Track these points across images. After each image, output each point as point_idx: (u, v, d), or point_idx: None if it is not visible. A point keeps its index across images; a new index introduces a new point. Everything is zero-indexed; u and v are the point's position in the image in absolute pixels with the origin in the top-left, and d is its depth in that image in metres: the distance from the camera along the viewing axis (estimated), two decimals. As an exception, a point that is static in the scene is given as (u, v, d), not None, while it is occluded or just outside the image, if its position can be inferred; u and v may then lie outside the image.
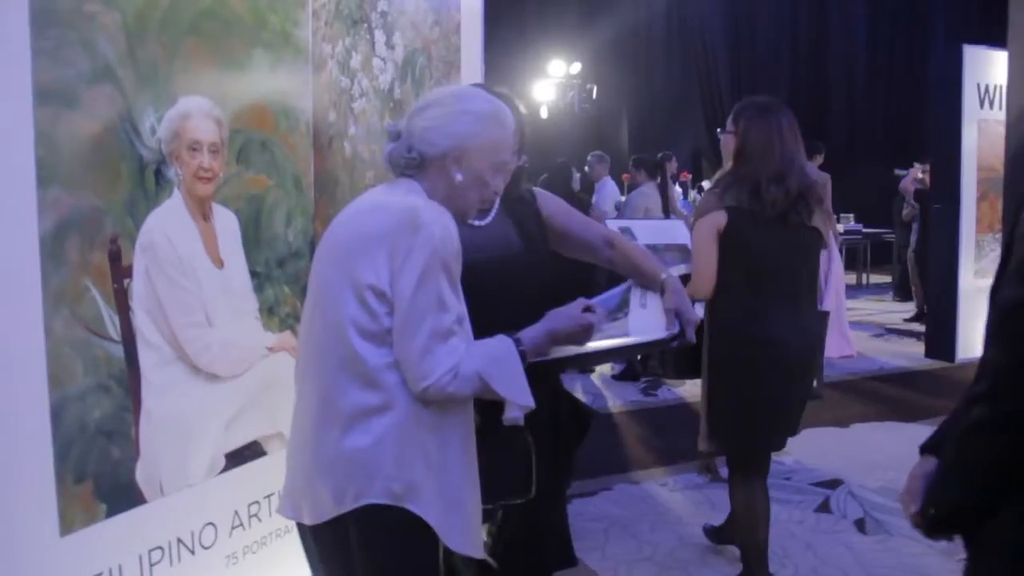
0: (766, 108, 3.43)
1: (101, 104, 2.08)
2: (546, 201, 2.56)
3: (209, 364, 2.41)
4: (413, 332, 1.81)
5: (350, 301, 1.84)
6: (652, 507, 4.62)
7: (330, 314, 1.88)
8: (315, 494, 1.89)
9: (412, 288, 1.80)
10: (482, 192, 2.02)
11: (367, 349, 1.83)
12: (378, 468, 1.83)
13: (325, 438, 1.87)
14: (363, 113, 3.04)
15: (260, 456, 2.58)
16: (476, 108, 1.99)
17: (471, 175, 1.97)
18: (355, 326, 1.83)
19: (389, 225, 1.85)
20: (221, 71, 2.41)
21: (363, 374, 1.84)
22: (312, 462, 1.90)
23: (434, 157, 1.96)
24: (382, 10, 3.11)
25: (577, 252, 2.61)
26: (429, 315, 1.80)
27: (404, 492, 1.83)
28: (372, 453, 1.83)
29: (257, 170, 2.56)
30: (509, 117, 2.06)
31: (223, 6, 2.41)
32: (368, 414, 1.83)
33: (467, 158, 1.96)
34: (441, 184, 1.97)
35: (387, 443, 1.83)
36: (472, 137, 1.96)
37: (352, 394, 1.84)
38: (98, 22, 2.07)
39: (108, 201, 2.10)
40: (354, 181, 2.99)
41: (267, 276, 2.62)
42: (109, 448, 2.13)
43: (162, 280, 2.25)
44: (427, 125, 1.97)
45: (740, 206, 3.22)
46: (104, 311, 2.10)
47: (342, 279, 1.87)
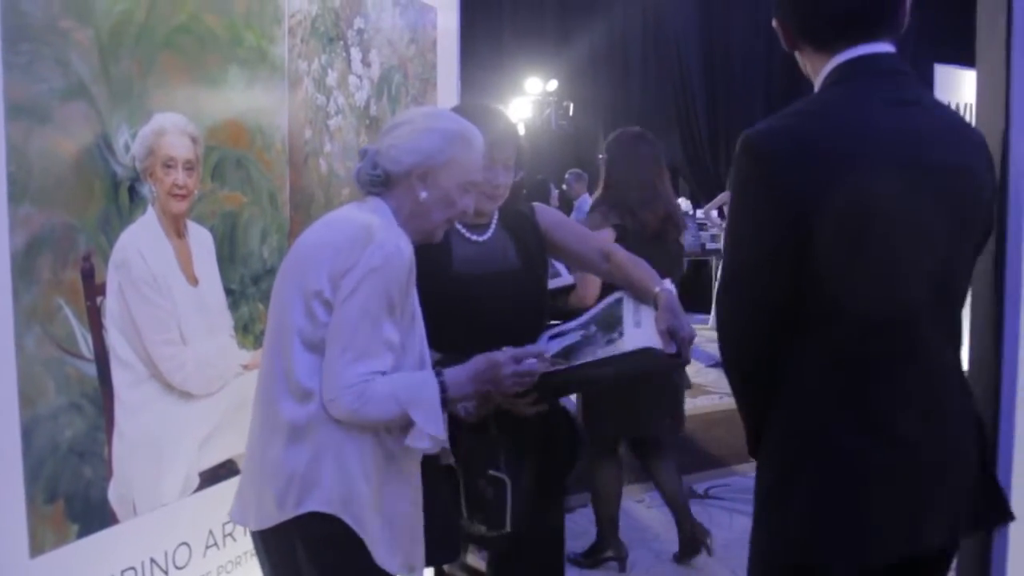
0: (633, 140, 3.97)
1: (74, 120, 2.06)
2: (544, 215, 2.58)
3: (183, 382, 2.38)
4: (332, 344, 1.84)
5: (298, 309, 1.88)
6: (629, 524, 4.62)
7: (279, 321, 1.93)
8: (259, 500, 1.93)
9: (343, 299, 1.83)
10: (448, 211, 2.04)
11: (305, 360, 1.86)
12: (317, 480, 1.86)
13: (269, 446, 1.92)
14: (339, 130, 3.04)
15: (235, 475, 2.55)
16: (441, 126, 2.01)
17: (436, 193, 1.99)
18: (299, 334, 1.87)
19: (341, 238, 1.89)
20: (196, 88, 2.40)
21: (299, 388, 1.87)
22: (258, 468, 1.96)
23: (399, 175, 1.99)
24: (358, 28, 3.11)
25: (575, 265, 2.62)
26: (349, 330, 1.82)
27: (343, 504, 1.86)
28: (312, 463, 1.86)
29: (232, 187, 2.55)
30: (478, 137, 2.07)
31: (198, 22, 2.40)
32: (310, 423, 1.87)
33: (432, 176, 1.98)
34: (407, 202, 2.00)
35: (326, 455, 1.86)
36: (436, 155, 1.98)
37: (291, 407, 1.88)
38: (72, 38, 2.05)
39: (81, 218, 2.08)
40: (330, 198, 2.98)
41: (242, 293, 2.60)
42: (81, 468, 2.10)
43: (136, 298, 2.23)
44: (392, 143, 2.00)
45: (624, 224, 3.74)
46: (77, 329, 2.08)
47: (293, 287, 1.91)
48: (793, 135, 1.67)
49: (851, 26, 1.68)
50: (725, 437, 6.08)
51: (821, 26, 1.72)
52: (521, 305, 2.43)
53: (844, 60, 1.70)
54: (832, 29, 1.70)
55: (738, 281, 1.78)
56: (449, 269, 2.38)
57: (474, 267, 2.40)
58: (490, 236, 2.47)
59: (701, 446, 6.06)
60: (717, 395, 7.36)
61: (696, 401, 7.14)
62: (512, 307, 2.40)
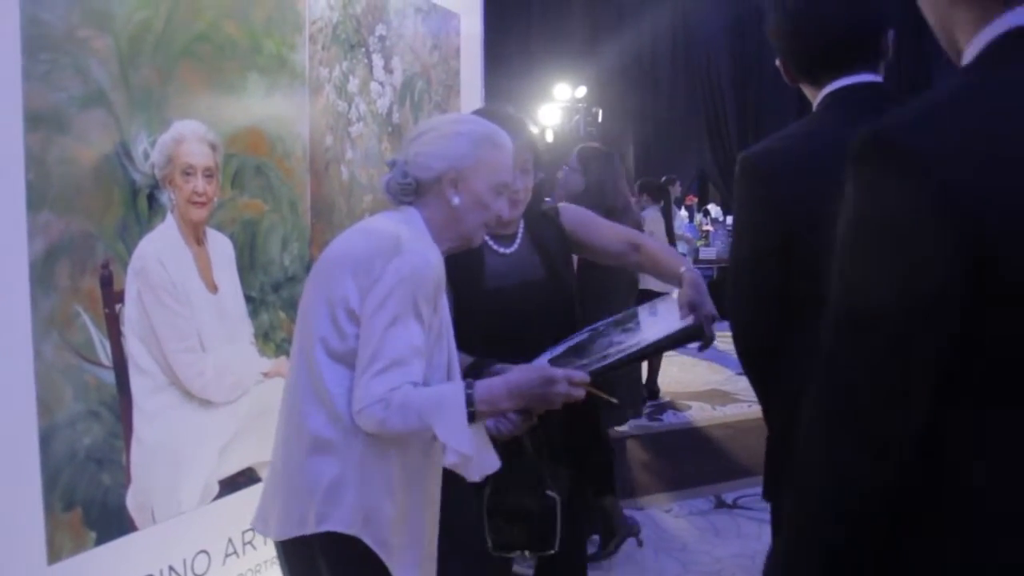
0: (607, 155, 4.40)
1: (93, 129, 2.07)
2: (569, 215, 2.55)
3: (202, 390, 2.38)
4: (361, 355, 1.79)
5: (324, 318, 1.85)
6: (655, 534, 4.57)
7: (306, 331, 1.89)
8: (280, 511, 1.89)
9: (371, 310, 1.79)
10: (483, 215, 2.00)
11: (332, 371, 1.83)
12: (340, 497, 1.82)
13: (293, 457, 1.88)
14: (360, 137, 3.03)
15: (255, 483, 2.55)
16: (468, 130, 1.98)
17: (469, 198, 1.96)
18: (323, 344, 1.83)
19: (370, 249, 1.84)
20: (216, 95, 2.40)
21: (327, 400, 1.83)
22: (281, 479, 1.91)
23: (430, 181, 1.95)
24: (380, 34, 3.11)
25: (605, 260, 2.60)
26: (377, 340, 1.77)
27: (364, 524, 1.82)
28: (335, 481, 1.82)
29: (252, 194, 2.55)
30: (505, 139, 2.05)
31: (217, 30, 2.41)
32: (333, 434, 1.83)
33: (463, 180, 1.94)
34: (440, 210, 1.96)
35: (349, 473, 1.82)
36: (465, 158, 1.94)
37: (317, 419, 1.84)
38: (91, 47, 2.06)
39: (100, 226, 2.09)
40: (351, 206, 2.98)
41: (262, 301, 2.60)
42: (99, 475, 2.10)
43: (155, 305, 2.23)
44: (420, 150, 1.97)
45: None
46: (95, 336, 2.08)
47: (320, 297, 1.87)
48: (784, 155, 1.90)
49: (831, 62, 1.90)
50: (755, 446, 5.99)
51: (809, 63, 1.95)
52: (548, 314, 2.41)
53: (829, 91, 1.93)
54: (818, 65, 1.93)
55: (740, 274, 1.97)
56: (482, 284, 2.36)
57: (504, 280, 2.39)
58: (517, 247, 2.45)
59: (730, 455, 5.99)
60: (746, 403, 7.29)
61: (725, 409, 7.08)
62: (538, 317, 2.38)
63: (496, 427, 2.10)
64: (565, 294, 2.49)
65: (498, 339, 2.23)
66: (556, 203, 2.93)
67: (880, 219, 1.10)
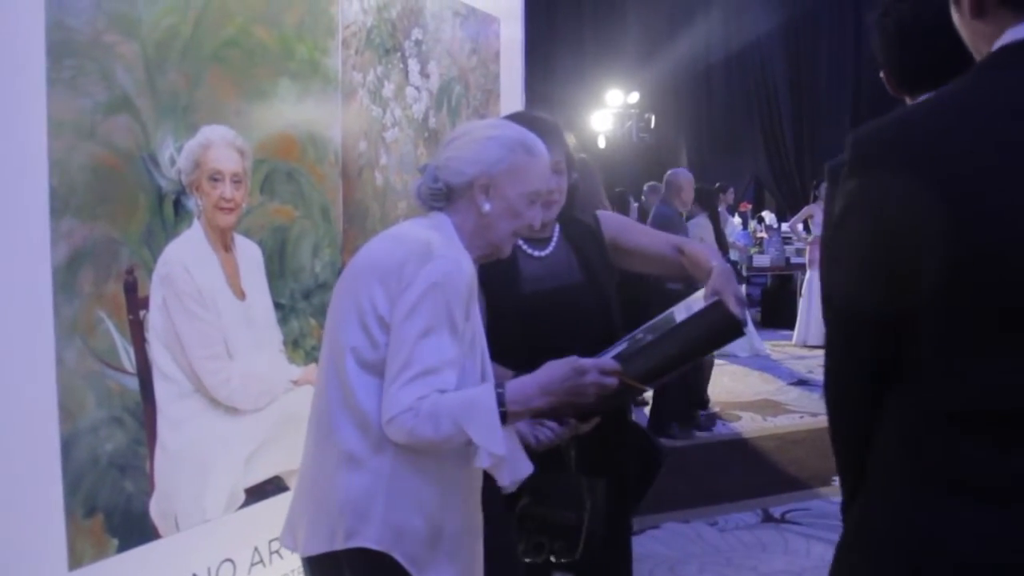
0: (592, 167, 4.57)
1: (118, 134, 2.07)
2: (610, 224, 2.50)
3: (228, 397, 2.37)
4: (391, 364, 1.75)
5: (353, 327, 1.81)
6: (700, 547, 4.48)
7: (334, 339, 1.86)
8: (309, 526, 1.85)
9: (402, 317, 1.75)
10: (514, 223, 1.95)
11: (362, 382, 1.79)
12: (369, 512, 1.77)
13: (322, 470, 1.85)
14: (395, 143, 3.01)
15: (282, 492, 2.53)
16: (500, 134, 1.94)
17: (500, 205, 1.91)
18: (354, 354, 1.80)
19: (400, 255, 1.81)
20: (245, 101, 2.39)
21: (357, 411, 1.80)
22: (309, 492, 1.88)
23: (461, 187, 1.91)
24: (416, 38, 3.08)
25: (647, 266, 2.54)
26: (408, 348, 1.73)
27: (395, 540, 1.77)
28: (364, 496, 1.78)
29: (282, 200, 2.53)
30: (540, 146, 2.00)
31: (248, 35, 2.39)
32: (363, 448, 1.79)
33: (495, 186, 1.90)
34: (470, 216, 1.92)
35: (379, 488, 1.78)
36: (497, 163, 1.90)
37: (347, 432, 1.80)
38: (116, 52, 2.06)
39: (124, 232, 2.08)
40: (385, 211, 2.95)
41: (292, 308, 2.58)
42: (122, 482, 2.09)
43: (180, 311, 2.22)
44: (452, 155, 1.93)
45: None
46: (119, 343, 2.08)
47: (349, 305, 1.84)
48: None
49: (938, 73, 1.64)
50: (805, 458, 5.87)
51: (914, 76, 1.83)
52: (586, 320, 2.35)
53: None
54: (925, 77, 1.77)
55: None
56: (517, 289, 2.30)
57: (540, 284, 2.32)
58: (552, 250, 2.39)
59: (779, 467, 5.86)
60: (798, 414, 7.13)
61: (776, 420, 6.94)
62: (577, 322, 2.31)
63: (534, 436, 2.06)
64: (604, 299, 2.42)
65: (535, 346, 2.17)
66: None
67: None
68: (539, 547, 2.23)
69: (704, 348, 2.33)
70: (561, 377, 1.81)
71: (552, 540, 2.22)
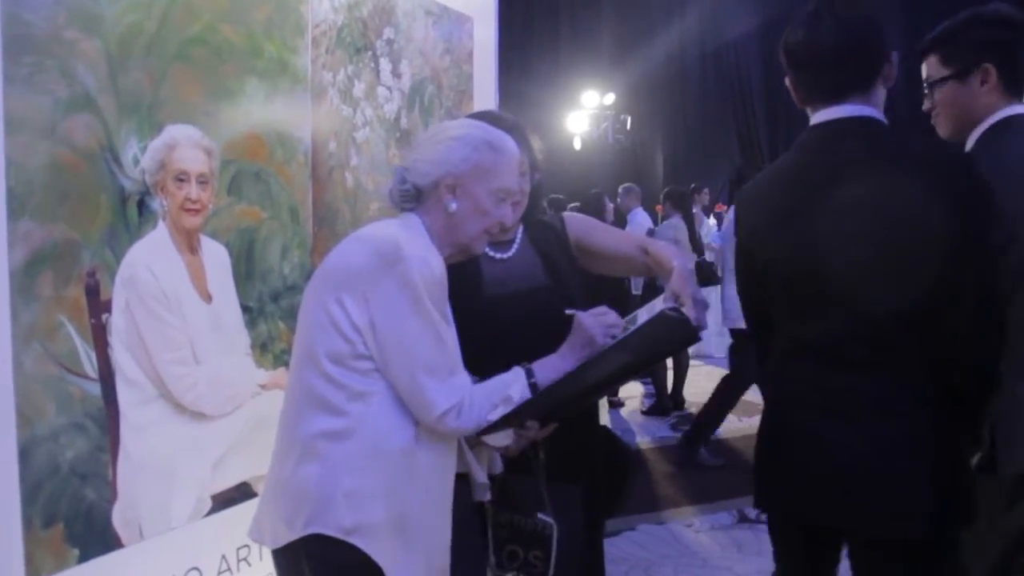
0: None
1: (79, 133, 2.01)
2: (575, 225, 2.44)
3: (194, 402, 2.32)
4: (403, 371, 1.78)
5: (326, 331, 1.81)
6: (676, 549, 4.47)
7: (306, 344, 1.86)
8: (273, 518, 1.87)
9: (398, 322, 1.77)
10: (483, 222, 1.95)
11: (331, 380, 1.80)
12: (329, 498, 1.78)
13: (286, 460, 1.85)
14: (366, 143, 2.96)
15: (250, 498, 2.48)
16: (465, 135, 1.94)
17: (467, 204, 1.92)
18: (324, 350, 1.81)
19: (367, 256, 1.81)
20: (211, 100, 2.34)
21: (327, 401, 1.80)
22: (274, 483, 1.90)
23: (428, 187, 1.93)
24: (388, 38, 3.04)
25: (613, 267, 2.50)
26: (418, 351, 1.77)
27: (355, 527, 1.77)
28: (323, 482, 1.78)
29: (250, 201, 2.49)
30: (507, 143, 1.98)
31: (214, 33, 2.34)
32: (325, 439, 1.79)
33: (461, 186, 1.91)
34: (439, 216, 1.93)
35: (340, 473, 1.78)
36: (462, 163, 1.91)
37: (312, 420, 1.81)
38: (77, 49, 2.00)
39: (86, 233, 2.03)
40: (357, 213, 2.91)
41: (260, 311, 2.53)
42: (83, 490, 2.04)
43: (144, 315, 2.17)
44: (418, 157, 1.97)
45: None
46: (80, 347, 2.02)
47: (319, 307, 1.83)
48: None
49: (825, 89, 1.96)
50: (780, 459, 5.87)
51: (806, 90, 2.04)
52: (551, 324, 2.30)
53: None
54: (814, 93, 2.00)
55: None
56: (479, 292, 2.26)
57: (502, 287, 2.27)
58: (515, 252, 2.34)
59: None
60: (773, 415, 7.14)
61: (752, 420, 6.94)
62: (541, 326, 2.26)
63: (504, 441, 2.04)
64: (570, 301, 2.38)
65: (498, 351, 2.13)
66: None
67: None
68: (513, 555, 2.19)
69: (658, 354, 2.35)
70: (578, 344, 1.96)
71: (526, 549, 2.19)
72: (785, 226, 1.92)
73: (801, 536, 2.07)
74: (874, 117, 1.88)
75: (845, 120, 1.89)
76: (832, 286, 1.85)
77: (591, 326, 1.96)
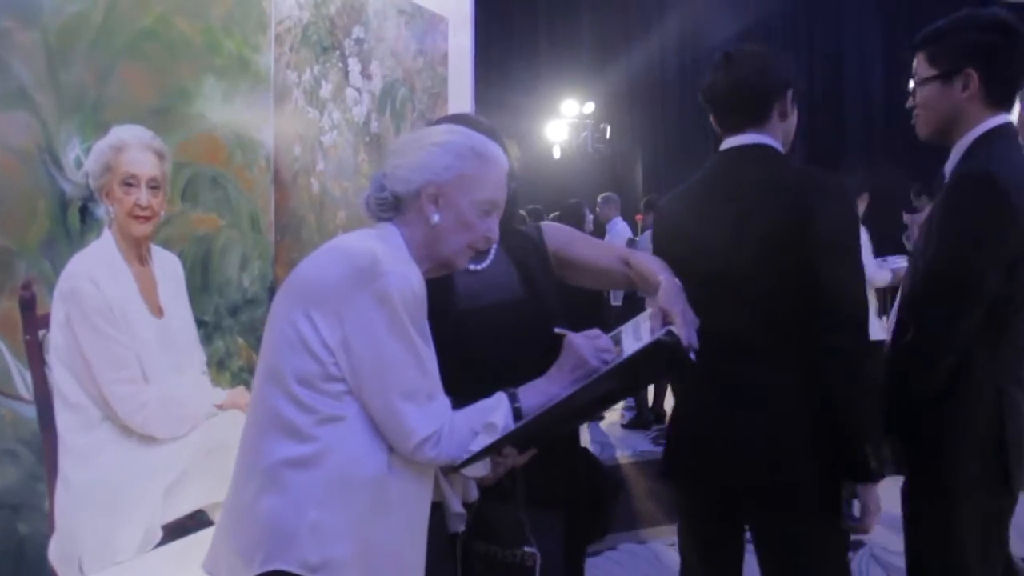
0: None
1: (14, 132, 1.85)
2: (553, 235, 2.31)
3: (144, 424, 2.15)
4: (378, 397, 1.66)
5: (295, 351, 1.67)
6: (658, 570, 4.34)
7: (272, 364, 1.71)
8: (229, 550, 1.71)
9: (373, 342, 1.64)
10: (467, 236, 1.81)
11: (298, 403, 1.66)
12: (293, 533, 1.64)
13: (243, 491, 1.71)
14: (334, 147, 2.81)
15: (205, 527, 2.32)
16: (449, 140, 1.80)
17: (450, 215, 1.78)
18: (291, 370, 1.67)
19: (342, 269, 1.67)
20: (164, 98, 2.19)
21: (292, 425, 1.66)
22: (229, 514, 1.75)
23: (408, 196, 1.79)
24: (357, 37, 2.89)
25: (594, 280, 2.36)
26: (395, 374, 1.66)
27: (321, 564, 1.63)
28: (287, 514, 1.64)
29: (206, 208, 2.32)
30: (495, 152, 1.84)
31: (168, 27, 2.18)
32: (290, 466, 1.65)
33: (443, 196, 1.77)
34: (419, 228, 1.79)
35: (306, 505, 1.64)
36: (445, 171, 1.77)
37: (276, 445, 1.67)
38: (12, 40, 1.84)
39: (20, 242, 1.86)
40: (323, 221, 2.75)
41: (217, 326, 2.37)
42: (14, 523, 1.87)
43: (87, 331, 2.00)
44: (399, 162, 1.81)
45: None
46: (13, 366, 1.86)
47: (285, 321, 1.70)
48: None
49: (723, 124, 2.28)
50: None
51: (716, 122, 2.34)
52: (527, 338, 2.16)
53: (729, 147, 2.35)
54: (719, 125, 2.30)
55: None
56: (451, 305, 2.11)
57: (476, 300, 2.13)
58: (490, 263, 2.20)
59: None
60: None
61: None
62: (517, 341, 2.13)
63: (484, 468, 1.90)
64: (547, 315, 2.24)
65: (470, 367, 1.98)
66: None
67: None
68: None
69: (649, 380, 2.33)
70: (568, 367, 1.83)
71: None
72: (692, 234, 2.20)
73: (702, 501, 2.27)
74: (767, 144, 2.16)
75: (741, 147, 2.19)
76: (729, 286, 2.09)
77: (582, 347, 1.82)
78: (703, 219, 2.20)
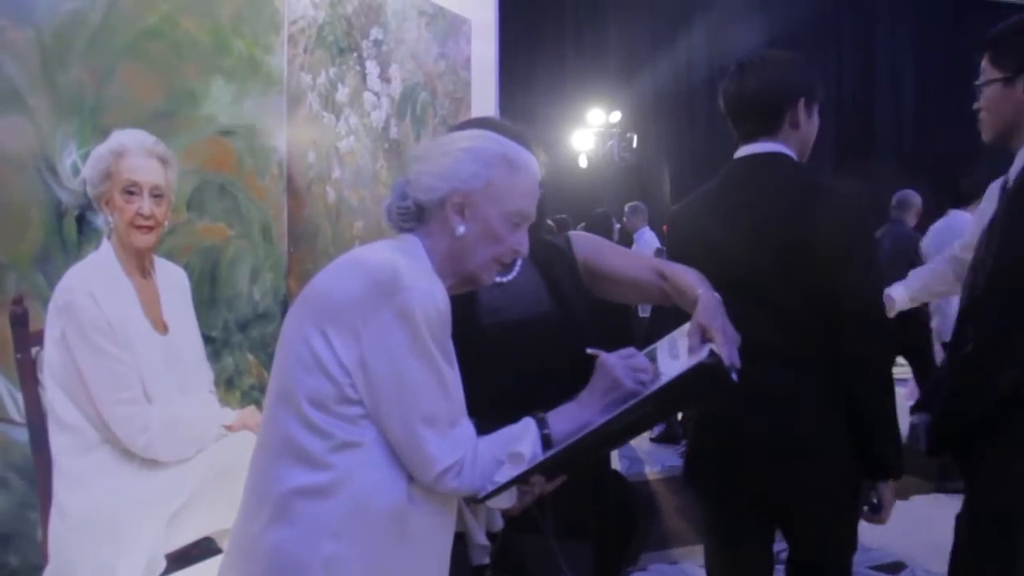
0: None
1: (6, 137, 1.76)
2: (582, 245, 2.19)
3: (146, 448, 2.02)
4: (396, 421, 1.54)
5: (304, 364, 1.56)
6: (690, 593, 4.18)
7: (281, 377, 1.60)
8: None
9: (393, 363, 1.52)
10: (494, 248, 1.68)
11: (311, 419, 1.54)
12: (305, 566, 1.52)
13: (251, 520, 1.58)
14: (351, 154, 2.69)
15: (212, 555, 2.18)
16: (477, 146, 1.68)
17: (476, 227, 1.65)
18: (304, 391, 1.55)
19: (360, 283, 1.55)
20: (169, 101, 2.08)
21: (305, 451, 1.55)
22: (238, 543, 1.61)
23: (432, 205, 1.66)
24: (376, 38, 2.77)
25: (625, 293, 2.25)
26: (419, 396, 1.53)
27: None
28: (299, 548, 1.53)
29: (214, 218, 2.21)
30: (527, 160, 1.72)
31: (173, 26, 2.08)
32: (303, 497, 1.53)
33: (470, 206, 1.64)
34: (443, 239, 1.67)
35: (319, 537, 1.53)
36: (473, 179, 1.64)
37: (288, 473, 1.55)
38: (4, 39, 1.74)
39: (11, 254, 1.76)
40: (339, 231, 2.63)
41: (226, 342, 2.25)
42: (4, 554, 1.77)
43: (84, 348, 1.88)
44: (423, 169, 1.68)
45: None
46: (2, 387, 1.74)
47: (298, 339, 1.58)
48: None
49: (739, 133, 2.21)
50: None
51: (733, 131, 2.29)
52: (556, 355, 2.04)
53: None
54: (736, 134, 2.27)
55: None
56: (474, 321, 1.99)
57: (501, 315, 2.02)
58: (516, 275, 2.08)
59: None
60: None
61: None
62: (544, 359, 2.00)
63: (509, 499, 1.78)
64: (577, 331, 2.11)
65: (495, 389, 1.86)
66: None
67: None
68: None
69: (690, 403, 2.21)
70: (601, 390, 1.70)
71: None
72: (706, 240, 2.19)
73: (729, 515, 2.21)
74: (781, 153, 2.15)
75: (756, 156, 2.17)
76: (747, 292, 2.04)
77: (617, 368, 1.70)
78: (717, 226, 2.21)
